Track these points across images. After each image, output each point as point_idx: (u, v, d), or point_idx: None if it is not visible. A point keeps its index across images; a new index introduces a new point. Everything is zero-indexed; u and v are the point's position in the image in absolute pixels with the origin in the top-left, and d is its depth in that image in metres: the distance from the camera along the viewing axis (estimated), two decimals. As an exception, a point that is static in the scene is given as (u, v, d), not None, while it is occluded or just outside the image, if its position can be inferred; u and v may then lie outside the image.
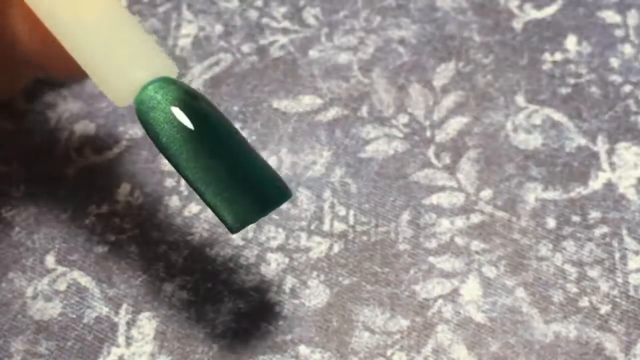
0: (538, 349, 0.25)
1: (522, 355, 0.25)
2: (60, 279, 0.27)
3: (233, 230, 0.22)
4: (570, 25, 0.32)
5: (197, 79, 0.32)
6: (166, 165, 0.29)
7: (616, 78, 0.31)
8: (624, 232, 0.27)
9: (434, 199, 0.28)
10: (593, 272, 0.27)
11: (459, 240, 0.27)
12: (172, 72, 0.23)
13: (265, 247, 0.28)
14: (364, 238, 0.28)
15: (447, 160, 0.29)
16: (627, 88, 0.31)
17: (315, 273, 0.27)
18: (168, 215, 0.28)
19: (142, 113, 0.23)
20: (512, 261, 0.27)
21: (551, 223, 0.28)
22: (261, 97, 0.31)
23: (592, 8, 0.33)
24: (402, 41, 0.32)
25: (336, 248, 0.28)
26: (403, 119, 0.30)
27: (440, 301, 0.26)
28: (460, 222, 0.28)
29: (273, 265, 0.27)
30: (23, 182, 0.29)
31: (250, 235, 0.28)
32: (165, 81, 0.23)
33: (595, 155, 0.29)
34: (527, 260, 0.27)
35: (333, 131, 0.30)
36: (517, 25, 0.32)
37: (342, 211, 0.28)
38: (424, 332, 0.26)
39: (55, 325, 0.26)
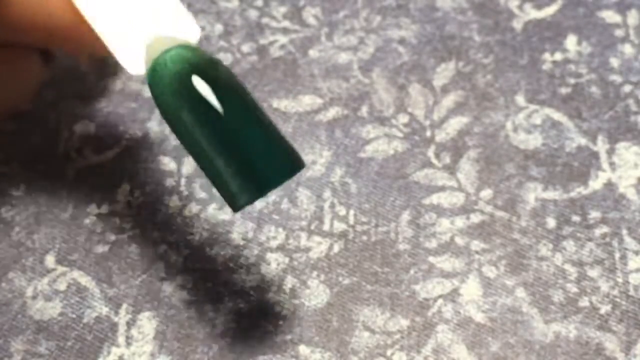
0: (538, 349, 0.25)
1: (522, 355, 0.25)
2: (60, 278, 0.27)
3: (240, 205, 0.22)
4: (570, 25, 0.32)
5: (197, 78, 0.32)
6: (166, 165, 0.30)
7: (616, 78, 0.31)
8: (624, 232, 0.27)
9: (434, 198, 0.28)
10: (593, 272, 0.27)
11: (459, 240, 0.27)
12: (193, 35, 0.23)
13: (265, 247, 0.28)
14: (364, 238, 0.28)
15: (447, 160, 0.29)
16: (627, 88, 0.31)
17: (315, 273, 0.27)
18: (168, 215, 0.28)
19: (152, 82, 0.22)
20: (512, 261, 0.27)
21: (551, 223, 0.28)
22: (261, 97, 0.31)
23: (592, 8, 0.33)
24: (402, 41, 0.32)
25: (336, 248, 0.28)
26: (403, 118, 0.30)
27: (440, 301, 0.26)
28: (460, 222, 0.28)
29: (273, 265, 0.27)
30: (23, 182, 0.29)
31: (250, 235, 0.28)
32: (179, 51, 0.22)
33: (595, 155, 0.29)
34: (527, 260, 0.27)
35: (333, 131, 0.30)
36: (517, 25, 0.32)
37: (342, 211, 0.28)
38: (424, 332, 0.26)
39: (55, 325, 0.26)
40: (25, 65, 0.28)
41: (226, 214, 0.28)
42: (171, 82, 0.22)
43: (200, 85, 0.22)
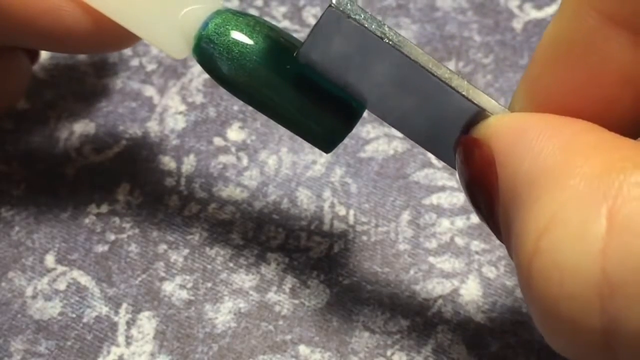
0: (538, 349, 0.25)
1: (522, 355, 0.25)
2: (60, 278, 0.27)
3: (334, 145, 0.23)
4: (570, 25, 0.32)
5: (197, 78, 0.32)
6: (166, 164, 0.29)
7: (616, 78, 0.31)
8: (624, 232, 0.27)
9: (434, 199, 0.28)
10: (593, 273, 0.27)
11: (459, 240, 0.27)
12: (218, 2, 0.23)
13: (265, 246, 0.28)
14: (364, 238, 0.28)
15: (447, 160, 0.29)
16: (627, 88, 0.30)
17: (315, 273, 0.27)
18: (168, 214, 0.28)
19: (204, 60, 0.22)
20: (511, 262, 0.27)
21: (551, 223, 0.28)
22: (261, 97, 0.31)
23: (592, 8, 0.33)
24: (402, 41, 0.32)
25: (336, 248, 0.28)
26: (403, 118, 0.30)
27: (440, 301, 0.26)
28: (460, 222, 0.28)
29: (273, 265, 0.27)
30: (23, 182, 0.29)
31: (250, 235, 0.28)
32: (215, 21, 0.22)
33: (595, 156, 0.29)
34: (527, 260, 0.27)
35: (333, 131, 0.30)
36: (517, 25, 0.32)
37: (342, 211, 0.28)
38: (424, 332, 0.26)
39: (55, 324, 0.26)
40: (15, 65, 0.28)
41: (226, 214, 0.28)
42: (224, 54, 0.22)
43: (250, 41, 0.22)
